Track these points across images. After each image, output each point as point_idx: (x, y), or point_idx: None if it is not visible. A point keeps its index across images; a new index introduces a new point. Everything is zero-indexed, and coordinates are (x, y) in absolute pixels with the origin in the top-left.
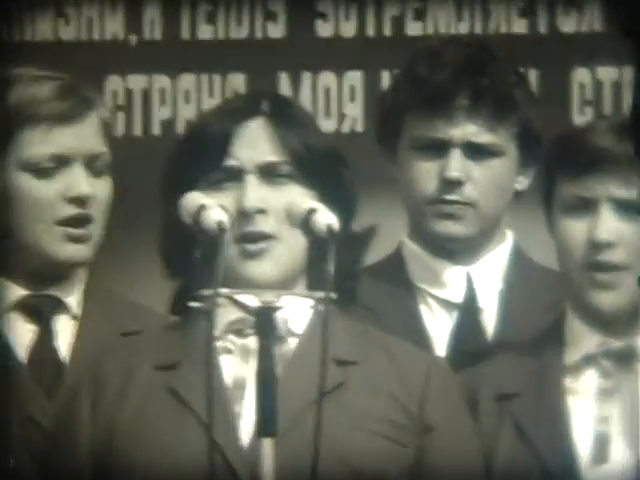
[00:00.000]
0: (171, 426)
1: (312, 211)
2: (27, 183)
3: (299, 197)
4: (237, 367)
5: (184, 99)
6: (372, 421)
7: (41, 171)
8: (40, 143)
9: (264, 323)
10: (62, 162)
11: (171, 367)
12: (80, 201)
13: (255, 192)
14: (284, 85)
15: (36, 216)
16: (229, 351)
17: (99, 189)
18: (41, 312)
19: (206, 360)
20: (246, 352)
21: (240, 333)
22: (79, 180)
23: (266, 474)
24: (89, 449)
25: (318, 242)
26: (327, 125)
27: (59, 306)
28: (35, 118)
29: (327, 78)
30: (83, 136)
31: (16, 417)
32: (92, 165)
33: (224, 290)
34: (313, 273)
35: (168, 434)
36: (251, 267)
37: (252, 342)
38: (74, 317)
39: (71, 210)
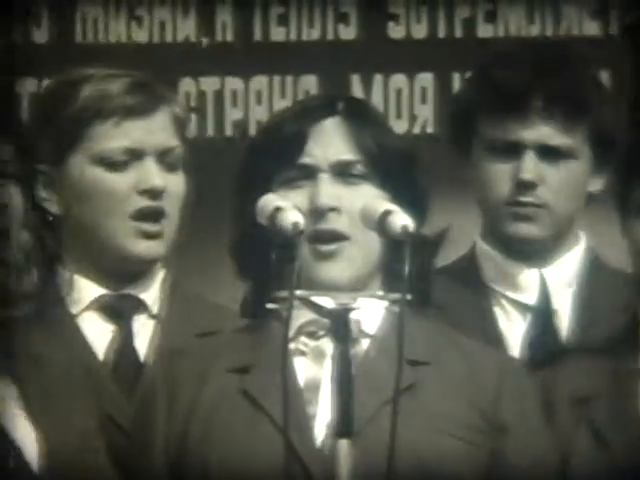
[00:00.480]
0: (245, 428)
1: (388, 213)
2: (100, 176)
3: (374, 198)
4: (310, 369)
5: (256, 100)
6: (445, 421)
7: (113, 164)
8: (112, 137)
9: (340, 325)
10: (134, 155)
11: (244, 370)
12: (152, 193)
13: (328, 190)
14: (356, 87)
15: (109, 210)
16: (302, 353)
17: (172, 183)
18: (121, 312)
19: (282, 362)
20: (319, 354)
21: (313, 335)
22: (151, 173)
23: (342, 475)
24: (164, 450)
25: (393, 243)
26: (398, 126)
27: (138, 306)
28: (106, 112)
29: (398, 80)
30: (154, 130)
31: (96, 416)
32: (164, 159)
33: (300, 292)
34: (387, 274)
35: (242, 436)
36: (324, 268)
37: (325, 344)
38: (153, 317)
39: (144, 202)
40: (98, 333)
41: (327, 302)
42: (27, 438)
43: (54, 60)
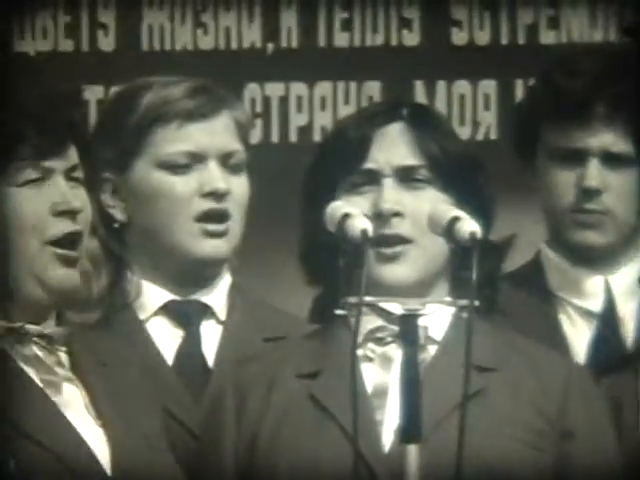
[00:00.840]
0: (313, 433)
1: (456, 219)
2: (163, 180)
3: (440, 204)
4: (378, 375)
5: (320, 106)
6: (512, 427)
7: (176, 168)
8: (174, 141)
9: (408, 330)
10: (197, 159)
11: (313, 375)
12: (216, 196)
13: (392, 195)
14: (419, 93)
15: (173, 213)
16: (370, 359)
17: (235, 186)
18: (188, 317)
19: (351, 368)
20: (387, 360)
21: (380, 341)
22: (214, 176)
23: None
24: (233, 454)
25: (459, 249)
26: (461, 132)
27: (206, 311)
28: (168, 116)
29: (461, 86)
30: (216, 133)
31: (162, 419)
32: (227, 162)
33: (369, 298)
34: (454, 280)
35: (310, 441)
36: (387, 270)
37: (393, 350)
38: (220, 322)
39: (208, 205)
40: (166, 338)
41: (395, 308)
42: (97, 440)
43: (121, 67)
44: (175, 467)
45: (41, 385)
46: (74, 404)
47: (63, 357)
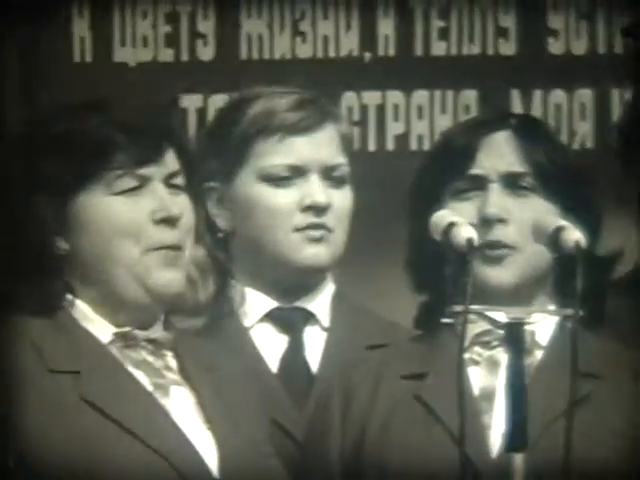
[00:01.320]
0: (420, 433)
1: (560, 229)
2: (264, 192)
3: (545, 213)
4: (484, 378)
5: (417, 115)
6: (617, 436)
7: (278, 181)
8: (276, 153)
9: (513, 338)
10: (298, 172)
11: (418, 377)
12: (316, 210)
13: (498, 201)
14: (515, 102)
15: (274, 225)
16: (476, 363)
17: (337, 199)
18: (292, 324)
19: (457, 373)
20: (493, 364)
21: (487, 345)
22: (315, 190)
23: None
24: (339, 458)
25: (564, 259)
26: None
27: (309, 318)
28: (271, 129)
29: (558, 95)
30: (319, 146)
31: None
32: (329, 175)
33: (475, 307)
34: (558, 289)
35: (417, 442)
36: (490, 272)
37: (499, 354)
38: (323, 329)
39: (308, 219)
40: (270, 345)
41: (501, 316)
42: (205, 443)
43: (219, 77)
44: (282, 472)
45: (151, 389)
46: (182, 407)
47: (171, 361)
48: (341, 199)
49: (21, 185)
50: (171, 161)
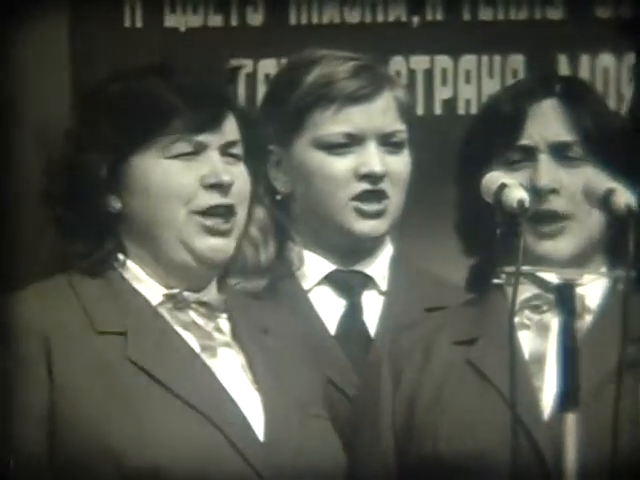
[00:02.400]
0: (471, 398)
1: (611, 191)
2: (321, 160)
3: (595, 177)
4: (535, 342)
5: (465, 79)
6: None
7: (335, 149)
8: (334, 122)
9: (565, 300)
10: (355, 140)
11: (470, 342)
12: (372, 179)
13: (548, 171)
14: (563, 67)
15: (331, 193)
16: (526, 327)
17: (394, 165)
18: (351, 287)
19: (509, 336)
20: (543, 328)
21: (537, 309)
22: (371, 158)
23: (569, 447)
24: (390, 422)
25: (614, 221)
26: None
27: (367, 282)
28: (330, 97)
29: (605, 59)
30: (376, 114)
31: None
32: (386, 142)
33: (526, 267)
34: (609, 252)
35: (469, 405)
36: (547, 246)
37: (549, 318)
38: (381, 292)
39: (364, 187)
40: (329, 308)
41: (552, 277)
42: (251, 404)
43: (269, 42)
44: (330, 433)
45: (198, 350)
46: (229, 368)
47: (223, 323)
48: (399, 165)
49: (79, 142)
50: (230, 130)
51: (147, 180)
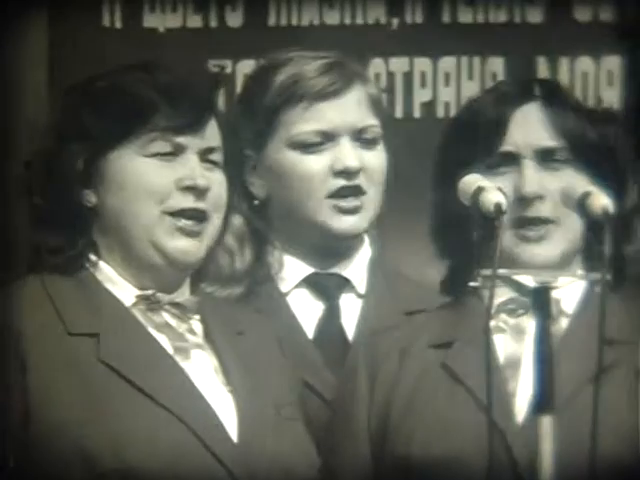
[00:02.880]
0: (446, 402)
1: (587, 194)
2: (296, 160)
3: (573, 180)
4: (510, 346)
5: (444, 82)
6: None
7: (308, 147)
8: (305, 120)
9: (541, 303)
10: (328, 137)
11: (445, 345)
12: (347, 174)
13: (533, 178)
14: (542, 69)
15: (308, 191)
16: (502, 330)
17: (370, 160)
18: (329, 290)
19: (485, 339)
20: (519, 331)
21: (513, 313)
22: (345, 154)
23: (545, 451)
24: (366, 425)
25: (590, 224)
26: None
27: (345, 285)
28: (299, 95)
29: (585, 62)
30: (348, 110)
31: (297, 390)
32: (360, 137)
33: (503, 270)
34: (586, 254)
35: (444, 410)
36: (530, 250)
37: (525, 322)
38: (359, 296)
39: (340, 183)
40: (307, 310)
41: (528, 280)
42: (224, 406)
43: (248, 43)
44: (304, 436)
45: (172, 352)
46: (202, 370)
47: (195, 325)
48: (374, 160)
49: (58, 134)
50: (211, 135)
51: (123, 177)
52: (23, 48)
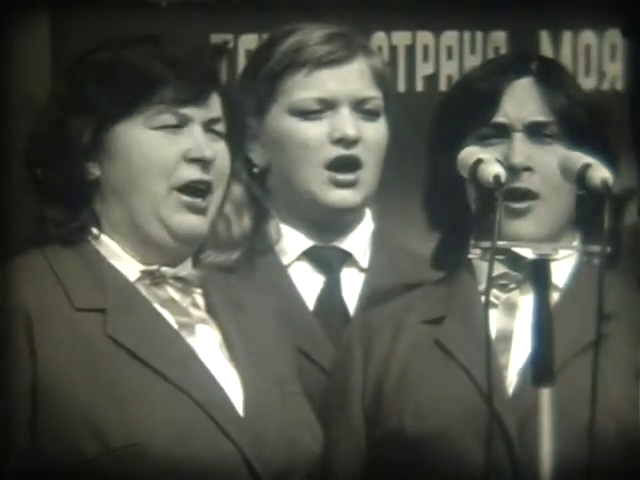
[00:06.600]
0: (438, 377)
1: (587, 166)
2: (295, 126)
3: (571, 153)
4: (502, 321)
5: (446, 56)
6: (635, 374)
7: (308, 114)
8: (305, 87)
9: (540, 275)
10: (328, 105)
11: (437, 320)
12: (346, 143)
13: (523, 150)
14: (545, 43)
15: (304, 159)
16: (494, 305)
17: (369, 132)
18: (330, 263)
19: (483, 312)
20: (511, 306)
21: (504, 288)
22: (344, 122)
23: (542, 424)
24: (360, 399)
25: (588, 197)
26: (587, 83)
27: (346, 258)
28: (301, 61)
29: (588, 36)
30: (349, 79)
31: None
32: (361, 108)
33: (502, 242)
34: (583, 228)
35: (436, 385)
36: (515, 225)
37: (516, 296)
38: (361, 269)
39: (338, 151)
40: (308, 284)
41: (527, 253)
42: (230, 381)
43: (249, 18)
44: (307, 410)
45: (176, 327)
46: (207, 345)
47: (198, 299)
48: (374, 132)
49: (61, 106)
50: (214, 106)
51: (129, 150)
52: (24, 22)
